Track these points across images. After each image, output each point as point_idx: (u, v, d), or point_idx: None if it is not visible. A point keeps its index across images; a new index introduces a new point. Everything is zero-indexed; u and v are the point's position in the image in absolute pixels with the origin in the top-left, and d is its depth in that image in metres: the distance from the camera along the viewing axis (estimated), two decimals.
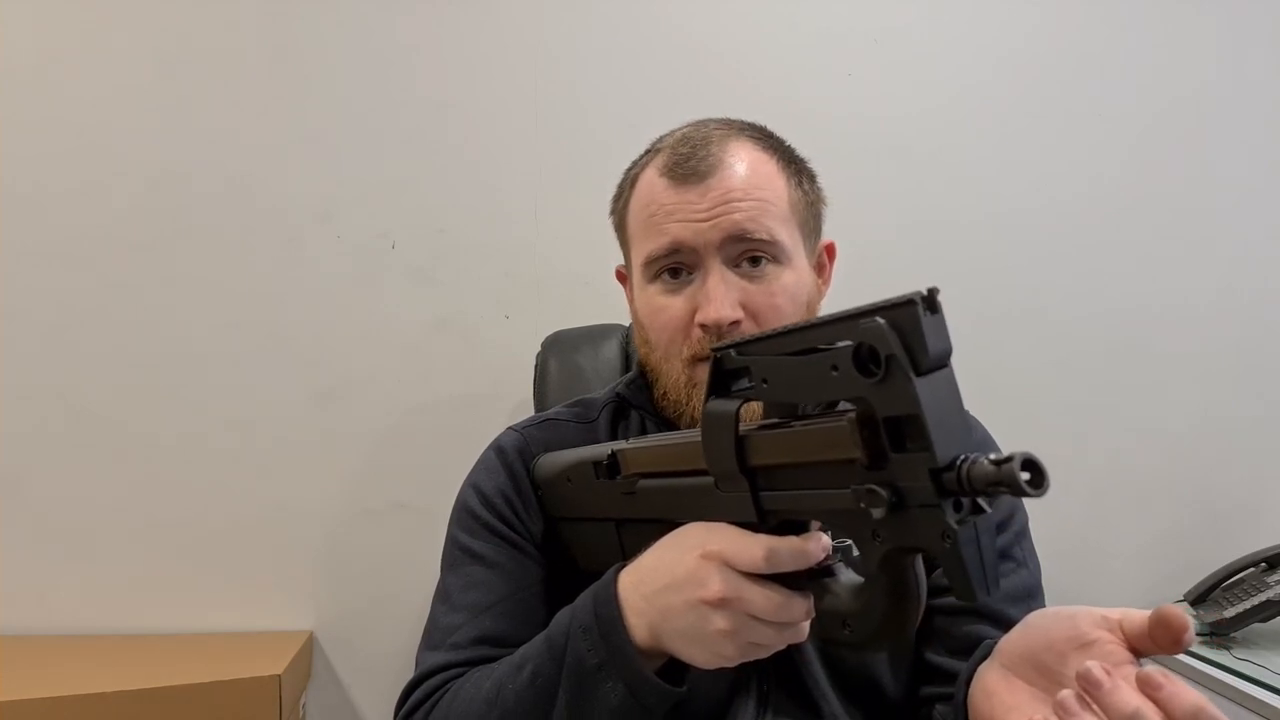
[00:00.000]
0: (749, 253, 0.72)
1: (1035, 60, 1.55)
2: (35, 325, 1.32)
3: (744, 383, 0.51)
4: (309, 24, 1.38)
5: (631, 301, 0.83)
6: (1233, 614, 1.31)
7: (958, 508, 0.40)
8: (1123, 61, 1.57)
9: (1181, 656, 1.32)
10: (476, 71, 1.42)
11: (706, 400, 0.53)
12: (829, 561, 0.51)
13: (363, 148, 1.39)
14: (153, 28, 1.34)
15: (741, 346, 0.50)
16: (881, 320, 0.40)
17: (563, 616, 0.61)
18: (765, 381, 0.49)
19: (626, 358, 1.18)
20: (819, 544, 0.50)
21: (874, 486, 0.42)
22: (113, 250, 1.34)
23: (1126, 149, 1.57)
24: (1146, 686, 0.41)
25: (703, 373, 0.71)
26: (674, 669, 0.56)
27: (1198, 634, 1.37)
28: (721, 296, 0.70)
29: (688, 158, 0.73)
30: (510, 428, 0.83)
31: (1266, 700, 1.15)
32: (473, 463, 0.82)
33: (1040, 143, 1.55)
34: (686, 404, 0.74)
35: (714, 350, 0.52)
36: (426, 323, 1.42)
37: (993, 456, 0.38)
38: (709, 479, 0.54)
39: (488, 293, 1.43)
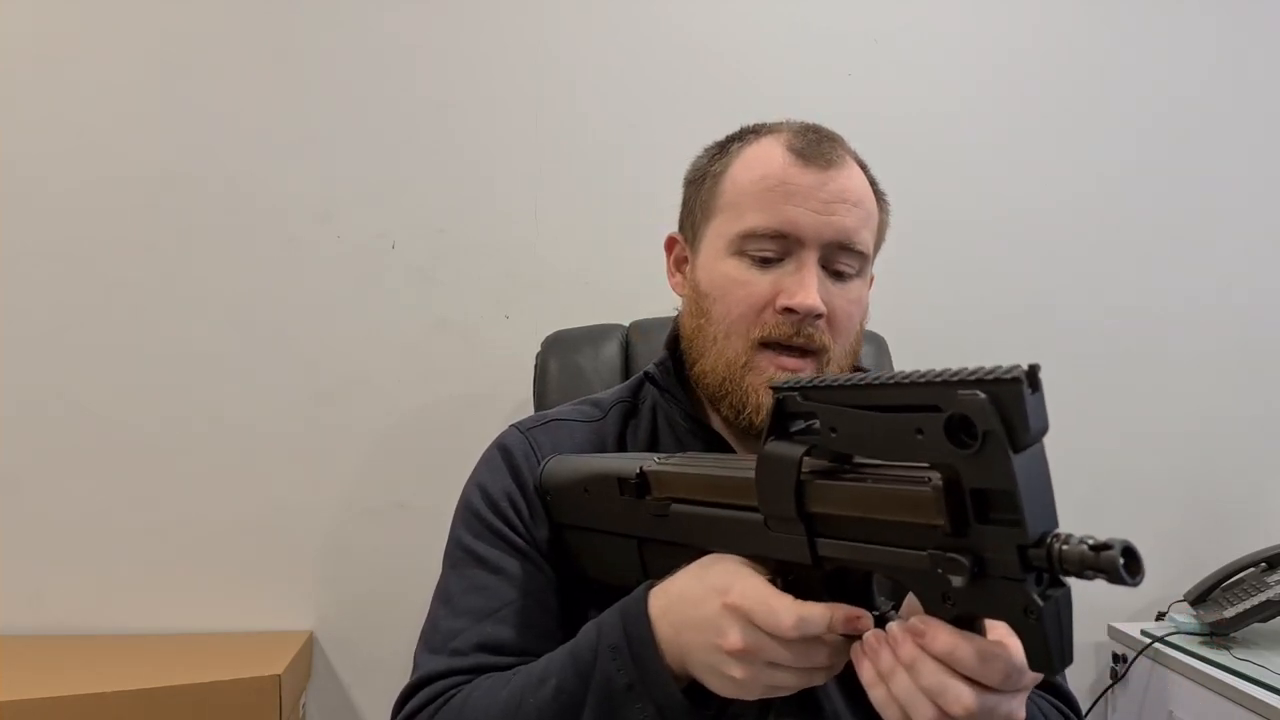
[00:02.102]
0: (842, 259, 0.73)
1: (1036, 60, 1.55)
2: (35, 325, 1.32)
3: (800, 424, 0.50)
4: (309, 24, 1.38)
5: (678, 271, 0.82)
6: (1233, 614, 1.31)
7: (1039, 581, 0.40)
8: (1124, 62, 1.57)
9: (1182, 657, 1.32)
10: (476, 71, 1.42)
11: (765, 440, 0.52)
12: (883, 611, 0.51)
13: (363, 148, 1.39)
14: (153, 28, 1.34)
15: (806, 391, 0.49)
16: (983, 395, 0.39)
17: (589, 633, 0.60)
18: (834, 431, 0.48)
19: (627, 358, 1.18)
20: (860, 622, 0.49)
21: (956, 556, 0.42)
22: (113, 250, 1.34)
23: (1127, 150, 1.58)
24: (913, 634, 0.45)
25: (764, 358, 0.71)
26: (699, 689, 0.56)
27: (1198, 634, 1.37)
28: (814, 286, 0.70)
29: (816, 142, 0.73)
30: (514, 426, 0.81)
31: (1266, 700, 1.16)
32: (472, 462, 0.81)
33: (1041, 143, 1.55)
34: (740, 381, 0.72)
35: (774, 389, 0.51)
36: (426, 323, 1.42)
37: (1091, 541, 0.38)
38: (757, 516, 0.53)
39: (488, 293, 1.43)
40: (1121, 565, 0.37)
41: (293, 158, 1.38)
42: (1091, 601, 1.51)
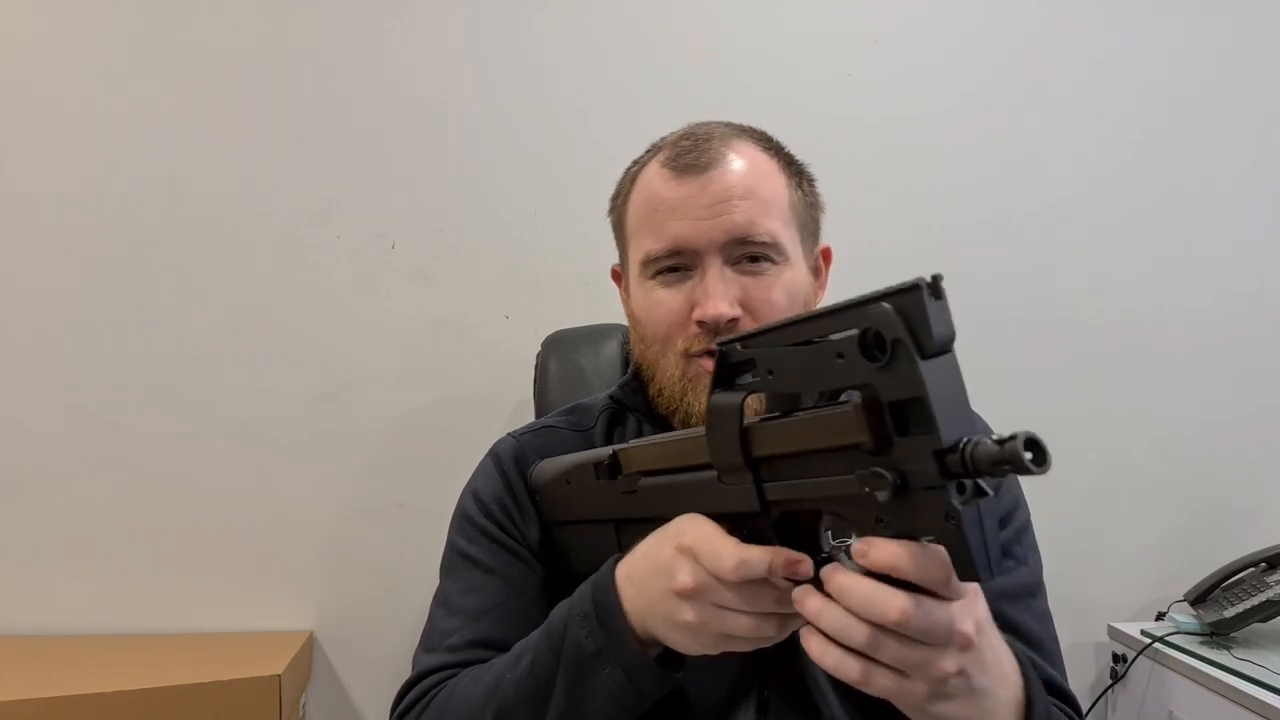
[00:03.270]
0: (749, 253, 0.72)
1: (1036, 60, 1.55)
2: (35, 325, 1.32)
3: (747, 377, 0.52)
4: (308, 25, 1.38)
5: (626, 300, 0.83)
6: (1233, 614, 1.31)
7: (960, 490, 0.41)
8: (1123, 62, 1.57)
9: (1182, 657, 1.32)
10: (476, 72, 1.42)
11: (711, 393, 0.53)
12: (829, 553, 0.51)
13: (362, 148, 1.39)
14: (152, 29, 1.34)
15: (746, 339, 0.51)
16: (888, 305, 0.41)
17: (561, 607, 0.62)
18: (771, 373, 0.49)
19: (626, 358, 1.18)
20: (800, 566, 0.49)
21: (878, 469, 0.43)
22: (113, 250, 1.34)
23: (1127, 150, 1.57)
24: (858, 556, 0.45)
25: (698, 368, 0.72)
26: (671, 656, 0.57)
27: (1198, 634, 1.37)
28: (720, 293, 0.70)
29: (689, 150, 0.73)
30: (508, 434, 0.83)
31: (1266, 700, 1.16)
32: (472, 463, 0.82)
33: (1041, 143, 1.55)
34: (681, 399, 0.73)
35: (719, 344, 0.53)
36: (426, 323, 1.42)
37: (995, 437, 0.39)
38: (712, 473, 0.55)
39: (488, 293, 1.43)
40: (1026, 456, 0.37)
41: (293, 158, 1.38)
42: (1091, 601, 1.52)
